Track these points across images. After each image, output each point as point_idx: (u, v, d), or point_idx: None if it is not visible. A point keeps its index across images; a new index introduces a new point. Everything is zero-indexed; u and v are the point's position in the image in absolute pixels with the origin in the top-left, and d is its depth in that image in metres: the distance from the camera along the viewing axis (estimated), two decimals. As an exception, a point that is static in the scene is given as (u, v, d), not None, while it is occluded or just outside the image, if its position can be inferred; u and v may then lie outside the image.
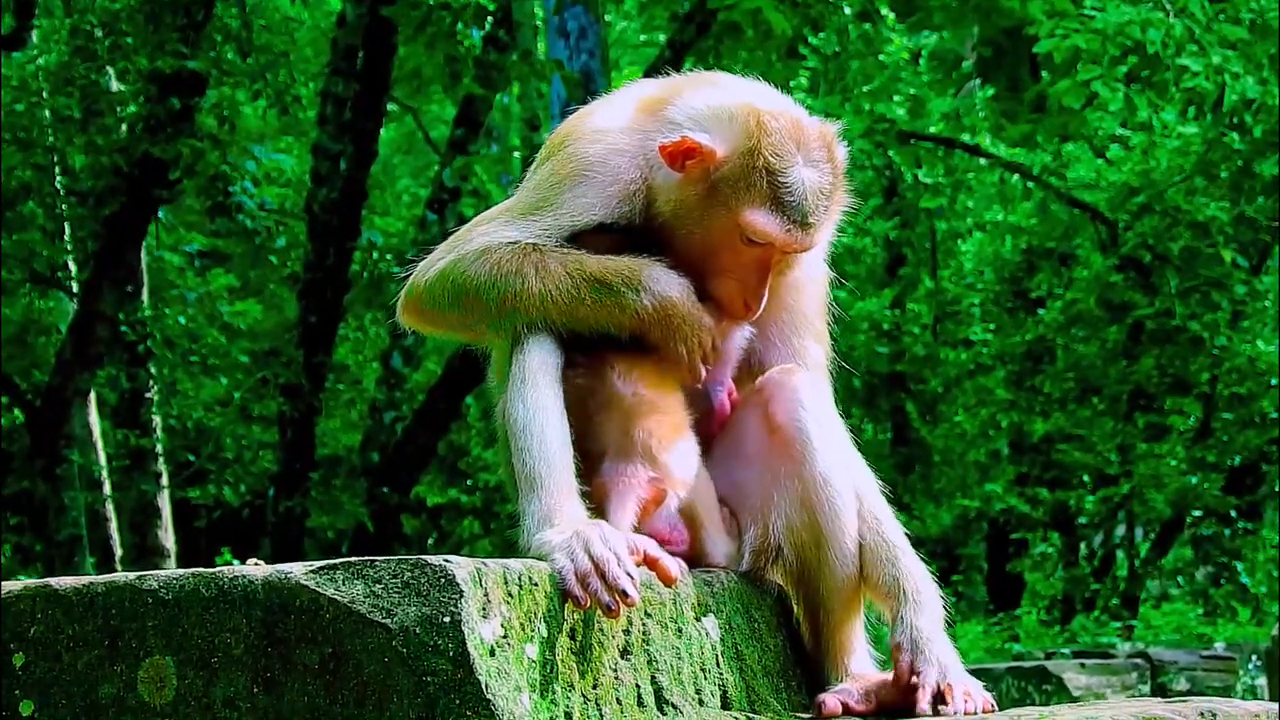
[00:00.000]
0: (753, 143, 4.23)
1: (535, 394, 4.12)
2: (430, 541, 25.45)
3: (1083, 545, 26.21)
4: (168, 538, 19.36)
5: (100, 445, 19.29)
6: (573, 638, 3.76)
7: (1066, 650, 17.65)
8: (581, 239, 4.31)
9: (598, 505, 4.09)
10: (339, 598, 3.47)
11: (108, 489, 19.26)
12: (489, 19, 17.73)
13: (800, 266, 4.48)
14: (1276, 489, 24.55)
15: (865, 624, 4.52)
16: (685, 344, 4.23)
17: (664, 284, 4.23)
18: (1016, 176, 23.11)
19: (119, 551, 19.21)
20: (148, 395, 19.33)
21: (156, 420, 19.64)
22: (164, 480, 19.57)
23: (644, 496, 4.16)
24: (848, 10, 20.82)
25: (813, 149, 4.29)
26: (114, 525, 19.32)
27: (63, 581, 3.64)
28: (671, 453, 4.22)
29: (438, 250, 4.42)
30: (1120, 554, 25.37)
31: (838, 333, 4.69)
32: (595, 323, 4.22)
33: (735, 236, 4.27)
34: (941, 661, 4.25)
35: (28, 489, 18.67)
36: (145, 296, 19.32)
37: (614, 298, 4.21)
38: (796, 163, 4.24)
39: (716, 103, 4.31)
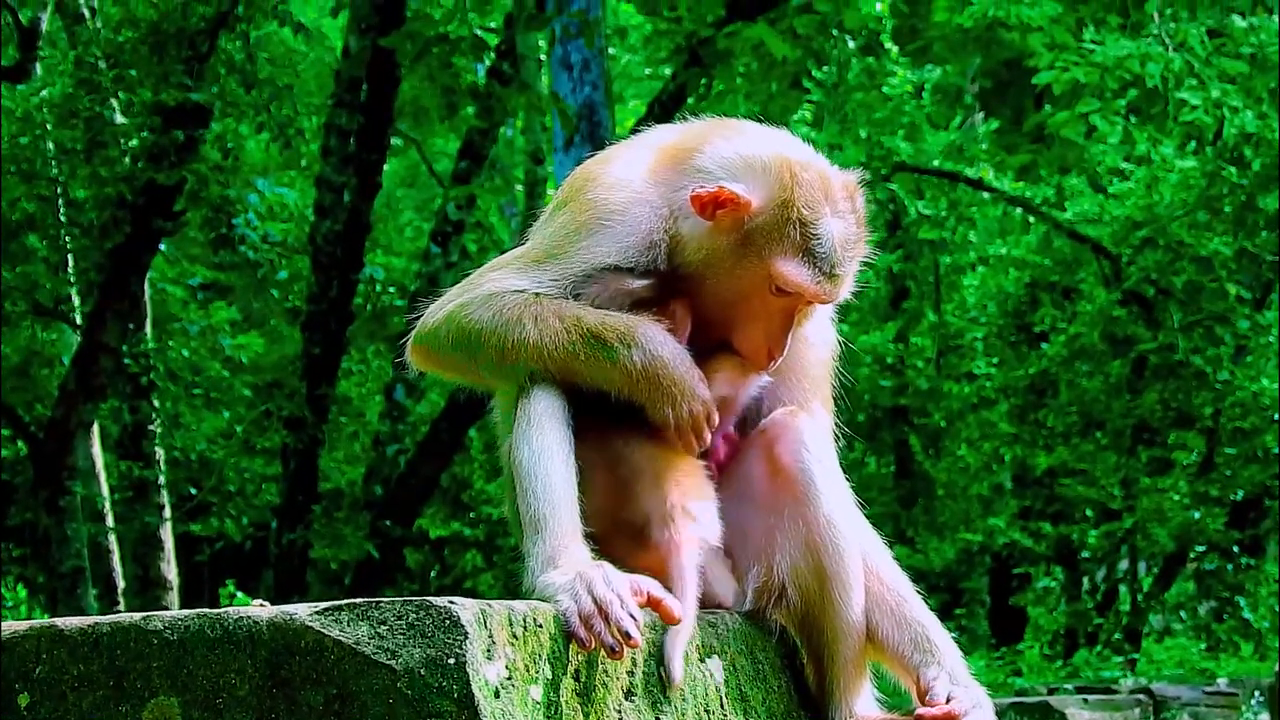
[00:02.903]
0: (786, 194, 4.23)
1: (541, 436, 4.11)
2: (433, 574, 25.40)
3: (1085, 579, 26.18)
4: (170, 570, 19.34)
5: (103, 477, 19.29)
6: (577, 679, 3.76)
7: (1069, 685, 17.59)
8: (603, 279, 4.28)
9: (657, 572, 4.05)
10: (344, 639, 3.46)
11: (110, 521, 19.25)
12: (490, 52, 17.74)
13: (812, 321, 4.49)
14: (1279, 524, 24.53)
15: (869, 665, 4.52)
16: (673, 408, 4.17)
17: (656, 343, 4.18)
18: (1019, 210, 23.12)
19: (121, 584, 19.19)
20: (151, 428, 19.35)
21: (159, 453, 19.65)
22: (167, 513, 19.57)
23: (700, 553, 4.16)
24: (851, 44, 20.87)
25: (839, 200, 4.32)
26: (117, 557, 19.30)
27: (68, 621, 3.64)
28: (701, 508, 4.22)
29: (449, 293, 4.40)
30: (1123, 588, 25.33)
31: (841, 367, 4.68)
32: (589, 377, 4.19)
33: (764, 286, 4.27)
34: (981, 703, 4.29)
35: (31, 521, 18.67)
36: (148, 329, 19.34)
37: (606, 352, 4.16)
38: (826, 214, 4.27)
39: (748, 152, 4.30)
